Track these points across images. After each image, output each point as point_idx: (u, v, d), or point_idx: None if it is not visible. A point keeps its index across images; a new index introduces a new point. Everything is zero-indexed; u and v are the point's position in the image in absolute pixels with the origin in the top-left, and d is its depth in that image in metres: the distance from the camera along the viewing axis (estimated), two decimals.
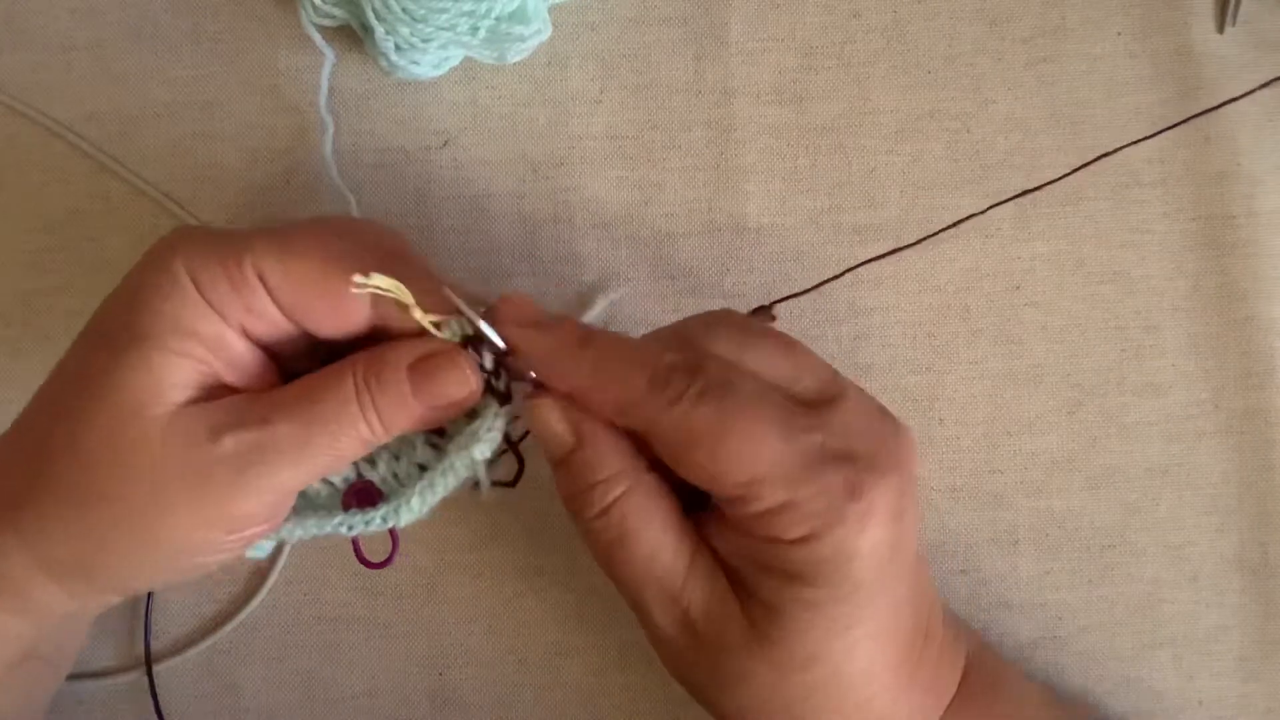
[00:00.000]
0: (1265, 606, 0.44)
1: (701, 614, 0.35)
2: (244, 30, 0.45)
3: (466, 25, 0.41)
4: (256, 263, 0.33)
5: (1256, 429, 0.44)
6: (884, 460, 0.33)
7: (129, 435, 0.33)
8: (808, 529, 0.32)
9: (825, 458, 0.33)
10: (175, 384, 0.33)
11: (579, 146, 0.45)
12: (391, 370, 0.34)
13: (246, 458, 0.33)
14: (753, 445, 0.32)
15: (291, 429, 0.34)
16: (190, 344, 0.33)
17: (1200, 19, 0.45)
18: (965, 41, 0.45)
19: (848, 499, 0.32)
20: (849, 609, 0.33)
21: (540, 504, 0.44)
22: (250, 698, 0.44)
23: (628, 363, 0.34)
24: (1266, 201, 0.44)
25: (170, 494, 0.33)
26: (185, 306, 0.33)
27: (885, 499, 0.33)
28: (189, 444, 0.33)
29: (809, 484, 0.32)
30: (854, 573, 0.33)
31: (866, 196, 0.45)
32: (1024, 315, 0.44)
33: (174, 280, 0.33)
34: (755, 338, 0.35)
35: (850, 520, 0.32)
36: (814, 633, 0.33)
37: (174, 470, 0.33)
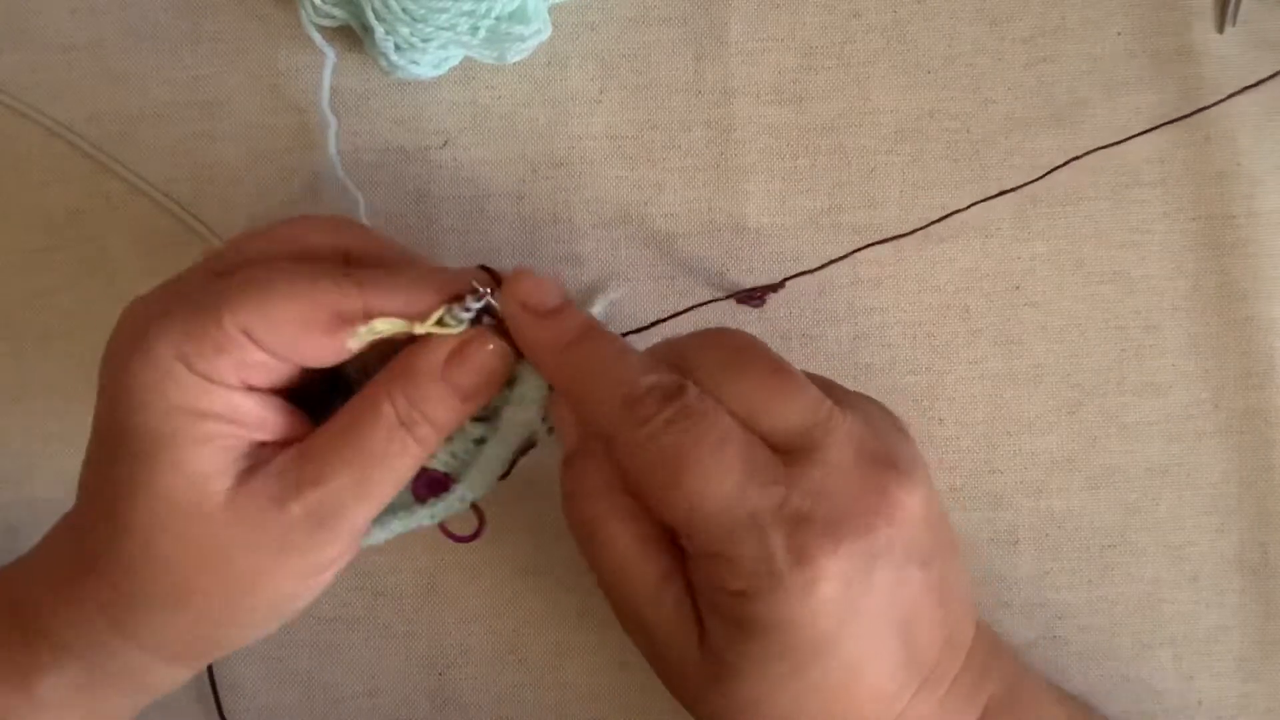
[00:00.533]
0: (1265, 606, 0.44)
1: (662, 641, 0.34)
2: (244, 30, 0.45)
3: (466, 25, 0.41)
4: (237, 320, 0.33)
5: (1256, 429, 0.44)
6: (851, 523, 0.32)
7: (195, 533, 0.33)
8: (744, 585, 0.32)
9: (778, 518, 0.32)
10: (216, 473, 0.33)
11: (579, 146, 0.45)
12: (428, 377, 0.34)
13: (316, 517, 0.34)
14: (703, 486, 0.32)
15: (349, 476, 0.34)
16: (205, 425, 0.33)
17: (1200, 19, 0.45)
18: (965, 41, 0.45)
19: (792, 565, 0.31)
20: (790, 666, 0.32)
21: (540, 504, 0.44)
22: (250, 698, 0.44)
23: (608, 375, 0.34)
24: (1266, 201, 0.44)
25: (254, 569, 0.34)
26: (185, 391, 0.33)
27: (841, 565, 0.31)
28: (257, 523, 0.33)
29: (750, 542, 0.31)
30: (792, 636, 0.32)
31: (866, 196, 0.45)
32: (1024, 315, 0.44)
33: (164, 369, 0.33)
34: (746, 366, 0.34)
35: (791, 587, 0.31)
36: (755, 682, 0.33)
37: (251, 549, 0.33)
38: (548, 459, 0.44)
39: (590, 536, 0.35)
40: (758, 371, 0.34)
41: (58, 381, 0.44)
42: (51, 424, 0.44)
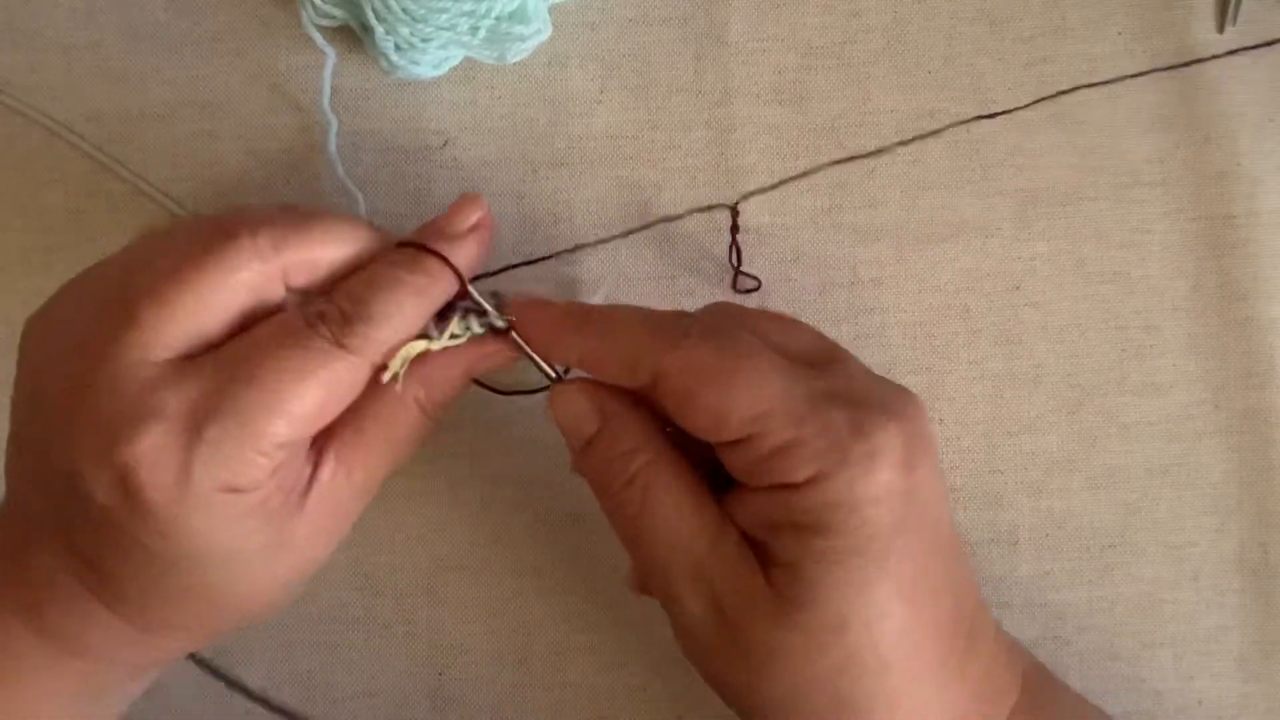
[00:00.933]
0: (1265, 606, 0.44)
1: (727, 587, 0.33)
2: (244, 30, 0.45)
3: (466, 25, 0.41)
4: (276, 441, 0.32)
5: (1256, 429, 0.44)
6: (890, 407, 0.33)
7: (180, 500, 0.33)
8: (814, 469, 0.32)
9: (829, 397, 0.33)
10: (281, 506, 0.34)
11: (579, 146, 0.45)
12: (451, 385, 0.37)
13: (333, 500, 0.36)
14: (758, 379, 0.33)
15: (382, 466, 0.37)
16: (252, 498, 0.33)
17: (1200, 19, 0.45)
18: (965, 41, 0.45)
19: (853, 438, 0.32)
20: (868, 561, 0.32)
21: (540, 504, 0.44)
22: (249, 699, 0.44)
23: (628, 321, 0.35)
24: (1266, 201, 0.44)
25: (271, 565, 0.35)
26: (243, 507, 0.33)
27: (892, 442, 0.32)
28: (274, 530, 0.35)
29: (813, 420, 0.32)
30: (866, 517, 0.32)
31: (866, 196, 0.45)
32: (1024, 315, 0.44)
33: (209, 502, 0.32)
34: (753, 315, 0.36)
35: (855, 460, 0.32)
36: (838, 590, 0.32)
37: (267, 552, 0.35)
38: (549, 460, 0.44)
39: (640, 494, 0.34)
40: (767, 317, 0.36)
41: None
42: None
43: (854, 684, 0.33)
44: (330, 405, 0.34)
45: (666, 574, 0.34)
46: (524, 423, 0.44)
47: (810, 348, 0.35)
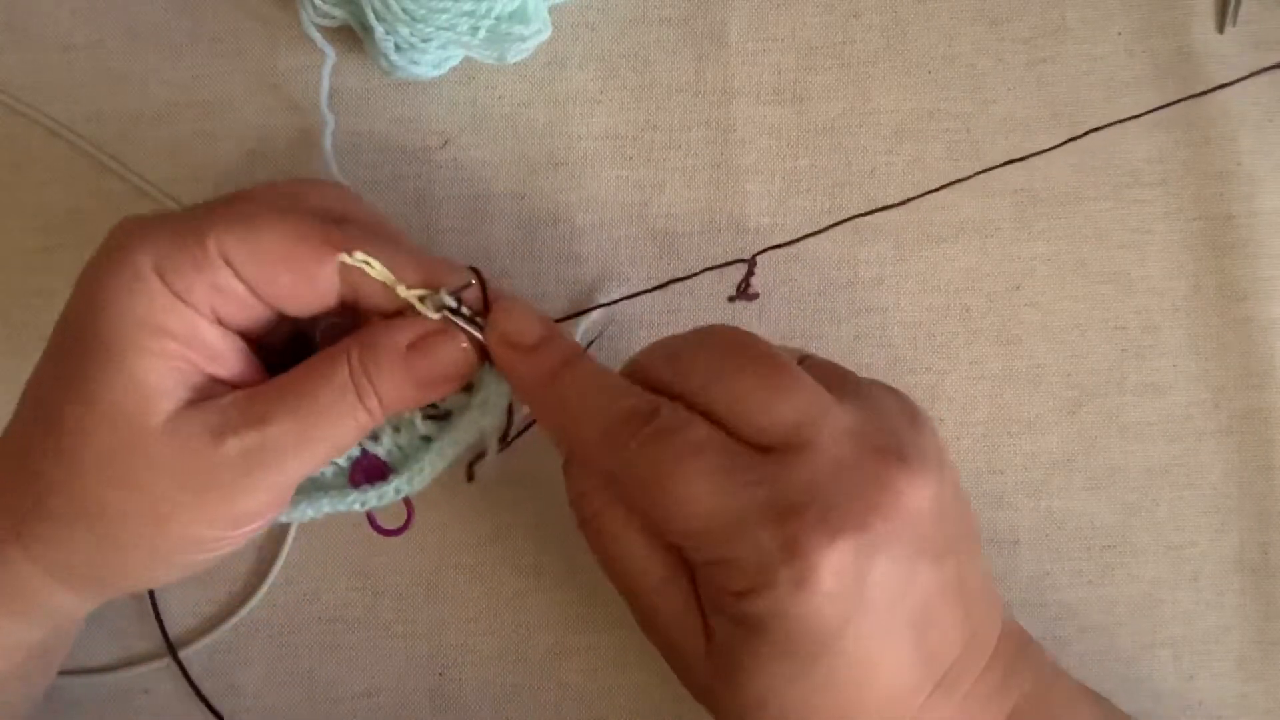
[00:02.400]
0: (1265, 606, 0.44)
1: (672, 633, 0.35)
2: (244, 30, 0.45)
3: (466, 25, 0.41)
4: (220, 243, 0.33)
5: (1256, 429, 0.44)
6: (845, 514, 0.31)
7: (126, 447, 0.33)
8: (744, 585, 0.32)
9: (765, 514, 0.31)
10: (163, 390, 0.33)
11: (579, 146, 0.45)
12: (389, 354, 0.34)
13: (250, 459, 0.33)
14: (687, 496, 0.32)
15: (291, 425, 0.34)
16: (165, 343, 0.33)
17: (1200, 19, 0.45)
18: (965, 41, 0.45)
19: (785, 560, 0.31)
20: (796, 664, 0.32)
21: (540, 504, 0.44)
22: (250, 698, 0.44)
23: (587, 407, 0.34)
24: (1266, 201, 0.44)
25: (174, 499, 0.33)
26: (154, 303, 0.33)
27: (837, 558, 0.31)
28: (190, 450, 0.33)
29: (742, 542, 0.31)
30: (794, 632, 0.31)
31: (866, 196, 0.45)
32: (1024, 315, 0.44)
33: (138, 275, 0.33)
34: (737, 365, 0.33)
35: (786, 581, 0.31)
36: (761, 679, 0.33)
37: (176, 476, 0.33)
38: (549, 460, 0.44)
39: (597, 536, 0.35)
40: (749, 370, 0.33)
41: None
42: None
43: None
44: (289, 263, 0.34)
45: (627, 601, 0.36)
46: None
47: (781, 423, 0.32)
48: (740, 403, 0.33)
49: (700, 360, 0.34)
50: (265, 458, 0.33)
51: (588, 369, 0.35)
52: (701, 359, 0.34)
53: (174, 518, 0.33)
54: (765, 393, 0.33)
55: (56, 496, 0.33)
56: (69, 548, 0.34)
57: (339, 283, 0.35)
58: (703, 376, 0.33)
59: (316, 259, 0.34)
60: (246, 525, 0.35)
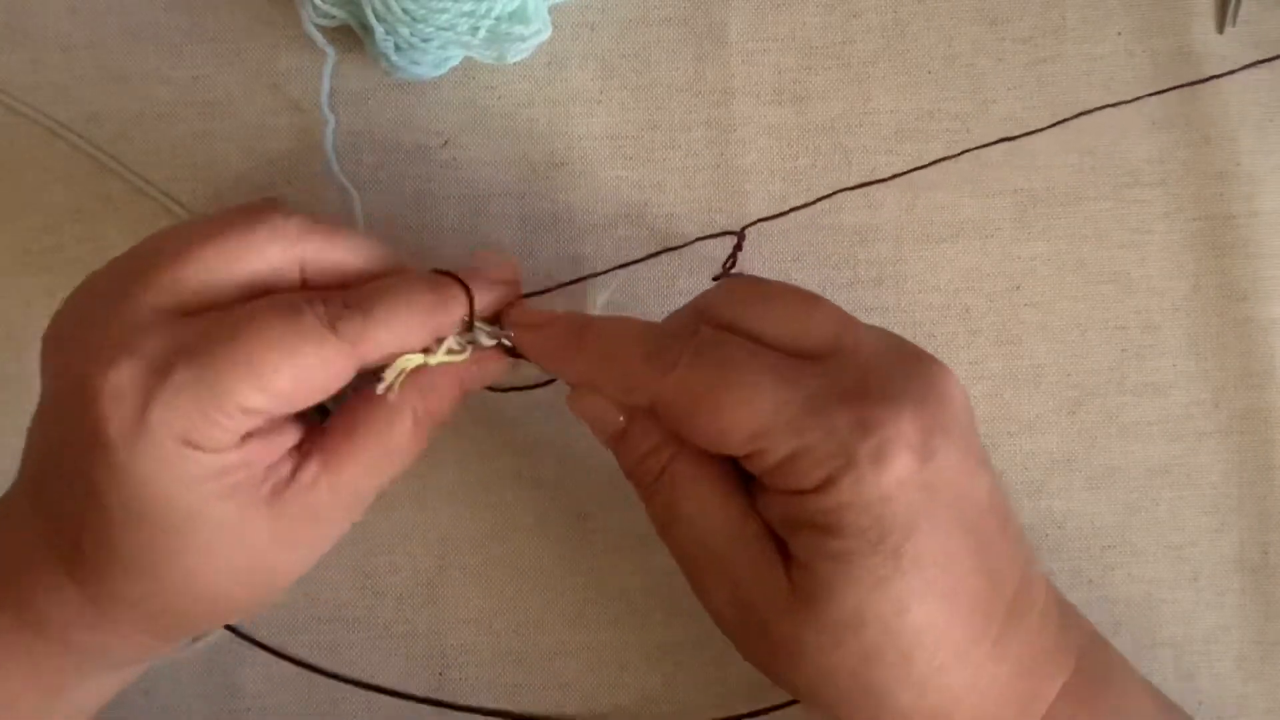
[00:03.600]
0: (1265, 606, 0.44)
1: (749, 583, 0.33)
2: (244, 30, 0.45)
3: (466, 25, 0.41)
4: (239, 402, 0.32)
5: (1256, 429, 0.44)
6: (901, 392, 0.32)
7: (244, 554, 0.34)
8: (823, 474, 0.31)
9: (830, 398, 0.32)
10: (252, 505, 0.34)
11: (579, 146, 0.45)
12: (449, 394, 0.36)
13: (338, 497, 0.35)
14: (750, 397, 0.32)
15: (368, 466, 0.36)
16: (229, 479, 0.33)
17: (1200, 19, 0.45)
18: (965, 41, 0.45)
19: (857, 437, 0.31)
20: (883, 559, 0.31)
21: (540, 504, 0.44)
22: (250, 698, 0.44)
23: (623, 343, 0.34)
24: (1266, 201, 0.44)
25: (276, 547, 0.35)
26: (200, 466, 0.32)
27: (903, 433, 0.31)
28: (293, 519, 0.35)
29: (814, 427, 0.31)
30: (878, 516, 0.31)
31: (866, 196, 0.45)
32: (1024, 315, 0.44)
33: (171, 453, 0.32)
34: (763, 295, 0.35)
35: (862, 460, 0.31)
36: (853, 589, 0.31)
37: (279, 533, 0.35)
38: (550, 460, 0.44)
39: (670, 490, 0.34)
40: (777, 295, 0.35)
41: None
42: None
43: (877, 673, 0.32)
44: (306, 386, 0.33)
45: (694, 564, 0.35)
46: (525, 423, 0.44)
47: (819, 335, 0.34)
48: (778, 321, 0.34)
49: (727, 298, 0.35)
50: (353, 495, 0.36)
51: (611, 319, 0.36)
52: (728, 297, 0.35)
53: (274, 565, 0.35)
54: (800, 309, 0.34)
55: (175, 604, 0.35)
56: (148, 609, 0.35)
57: (352, 374, 0.35)
58: (731, 311, 0.34)
59: (335, 379, 0.34)
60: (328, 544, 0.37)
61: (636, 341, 0.34)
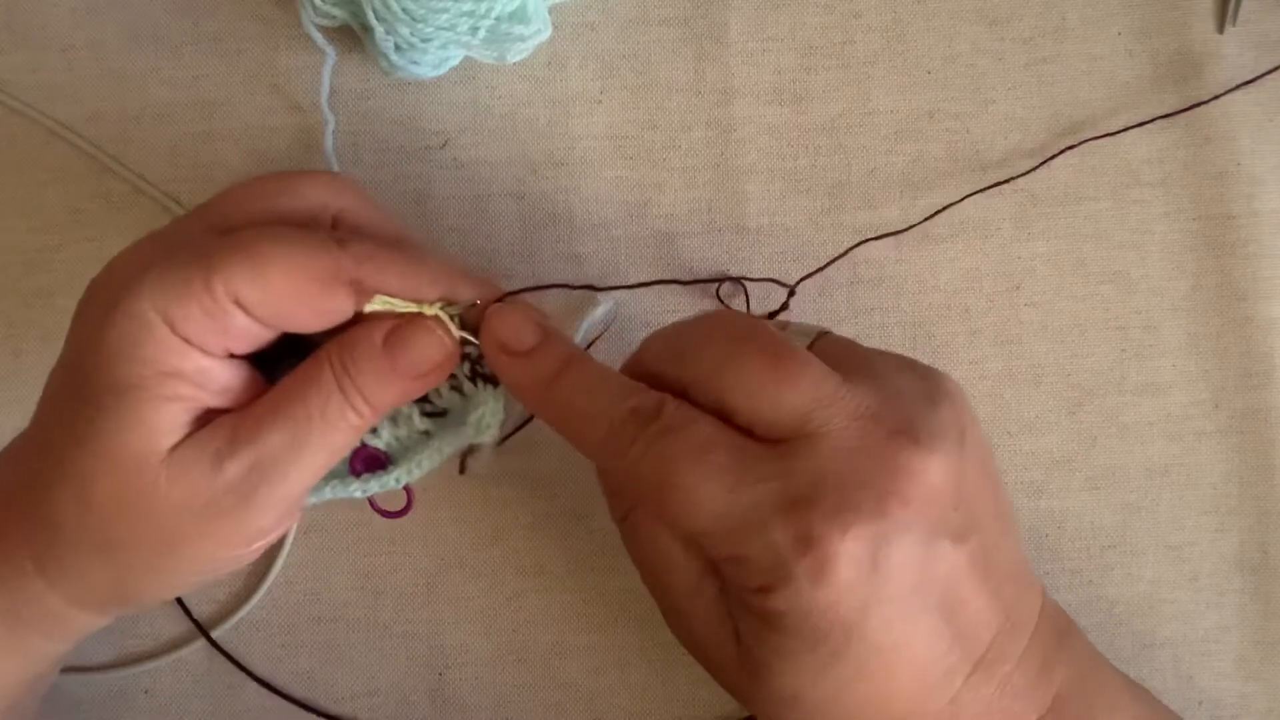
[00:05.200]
0: (1265, 606, 0.44)
1: (703, 637, 0.34)
2: (244, 30, 0.45)
3: (466, 25, 0.41)
4: (229, 286, 0.32)
5: (1256, 429, 0.44)
6: (857, 503, 0.31)
7: (135, 486, 0.33)
8: (761, 582, 0.31)
9: (776, 509, 0.31)
10: (169, 430, 0.33)
11: (579, 146, 0.45)
12: (366, 349, 0.34)
13: (250, 479, 0.33)
14: (695, 497, 0.32)
15: (283, 437, 0.34)
16: (175, 385, 0.33)
17: (1200, 19, 0.45)
18: (965, 41, 0.45)
19: (797, 555, 0.31)
20: (820, 658, 0.32)
21: (540, 504, 0.44)
22: (250, 698, 0.44)
23: (590, 408, 0.34)
24: (1266, 201, 0.44)
25: (184, 528, 0.33)
26: (164, 350, 0.32)
27: (847, 550, 0.31)
28: (193, 480, 0.33)
29: (754, 538, 0.31)
30: (816, 626, 0.31)
31: (866, 196, 0.45)
32: (1024, 315, 0.44)
33: (145, 325, 0.32)
34: (742, 357, 0.33)
35: (799, 576, 0.31)
36: (790, 678, 0.32)
37: (184, 507, 0.33)
38: (550, 460, 0.44)
39: (632, 534, 0.35)
40: (754, 359, 0.33)
41: None
42: None
43: None
44: (301, 293, 0.33)
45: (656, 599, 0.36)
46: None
47: (788, 415, 0.32)
48: (747, 395, 0.32)
49: (705, 351, 0.34)
50: (265, 474, 0.34)
51: (588, 369, 0.35)
52: (706, 350, 0.34)
53: (186, 544, 0.34)
54: (772, 383, 0.32)
55: (71, 532, 0.34)
56: (87, 576, 0.35)
57: (351, 306, 0.34)
58: (707, 368, 0.33)
59: (330, 293, 0.34)
60: (259, 540, 0.35)
61: (602, 412, 0.33)
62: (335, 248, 0.34)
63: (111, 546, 0.34)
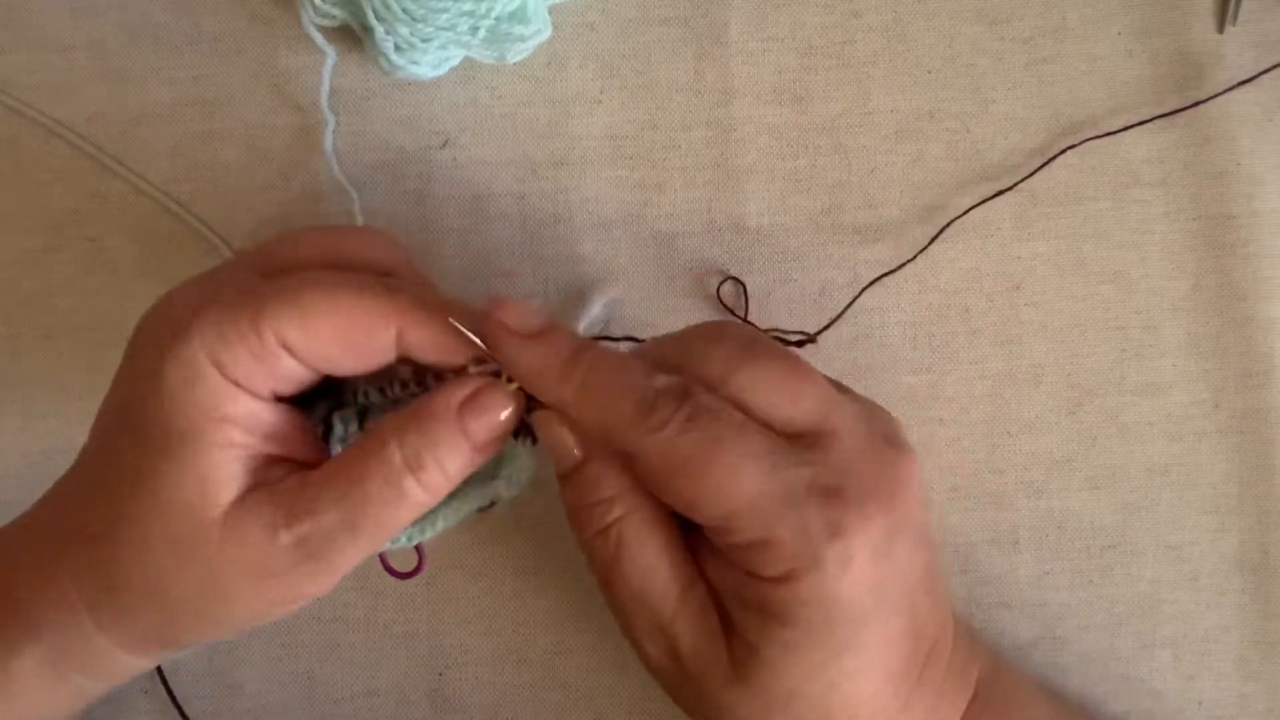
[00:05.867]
0: (1265, 606, 0.44)
1: (688, 648, 0.34)
2: (244, 30, 0.45)
3: (466, 25, 0.41)
4: (277, 330, 0.33)
5: (1256, 429, 0.44)
6: (875, 497, 0.32)
7: (191, 537, 0.33)
8: (785, 568, 0.32)
9: (810, 494, 0.32)
10: (225, 480, 0.33)
11: (579, 146, 0.45)
12: (442, 422, 0.34)
13: (303, 549, 0.33)
14: (734, 477, 0.32)
15: (340, 515, 0.33)
16: (228, 431, 0.33)
17: (1200, 19, 0.45)
18: (965, 41, 0.45)
19: (828, 541, 0.31)
20: (828, 651, 0.33)
21: (540, 505, 0.44)
22: (250, 698, 0.44)
23: (616, 385, 0.33)
24: (1266, 201, 0.44)
25: (236, 583, 0.34)
26: (215, 394, 0.33)
27: (869, 539, 0.32)
28: (248, 543, 0.33)
29: (787, 522, 0.32)
30: (832, 616, 0.32)
31: (866, 196, 0.45)
32: (1024, 315, 0.44)
33: (197, 370, 0.32)
34: (755, 357, 0.34)
35: (829, 563, 0.31)
36: (793, 673, 0.33)
37: (236, 565, 0.33)
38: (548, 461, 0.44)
39: (613, 547, 0.34)
40: (769, 361, 0.34)
41: (57, 381, 0.44)
42: (51, 423, 0.44)
43: None
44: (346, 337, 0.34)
45: (631, 621, 0.35)
46: None
47: (806, 414, 0.33)
48: (766, 392, 0.33)
49: (717, 352, 0.34)
50: (318, 548, 0.33)
51: (604, 351, 0.34)
52: (717, 351, 0.34)
53: (236, 597, 0.34)
54: (793, 381, 0.34)
55: (125, 578, 0.34)
56: (137, 620, 0.35)
57: (395, 348, 0.34)
58: (720, 368, 0.33)
59: (374, 335, 0.34)
60: (304, 600, 0.35)
61: (630, 388, 0.33)
62: (379, 288, 0.34)
63: (163, 593, 0.34)
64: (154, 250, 0.45)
